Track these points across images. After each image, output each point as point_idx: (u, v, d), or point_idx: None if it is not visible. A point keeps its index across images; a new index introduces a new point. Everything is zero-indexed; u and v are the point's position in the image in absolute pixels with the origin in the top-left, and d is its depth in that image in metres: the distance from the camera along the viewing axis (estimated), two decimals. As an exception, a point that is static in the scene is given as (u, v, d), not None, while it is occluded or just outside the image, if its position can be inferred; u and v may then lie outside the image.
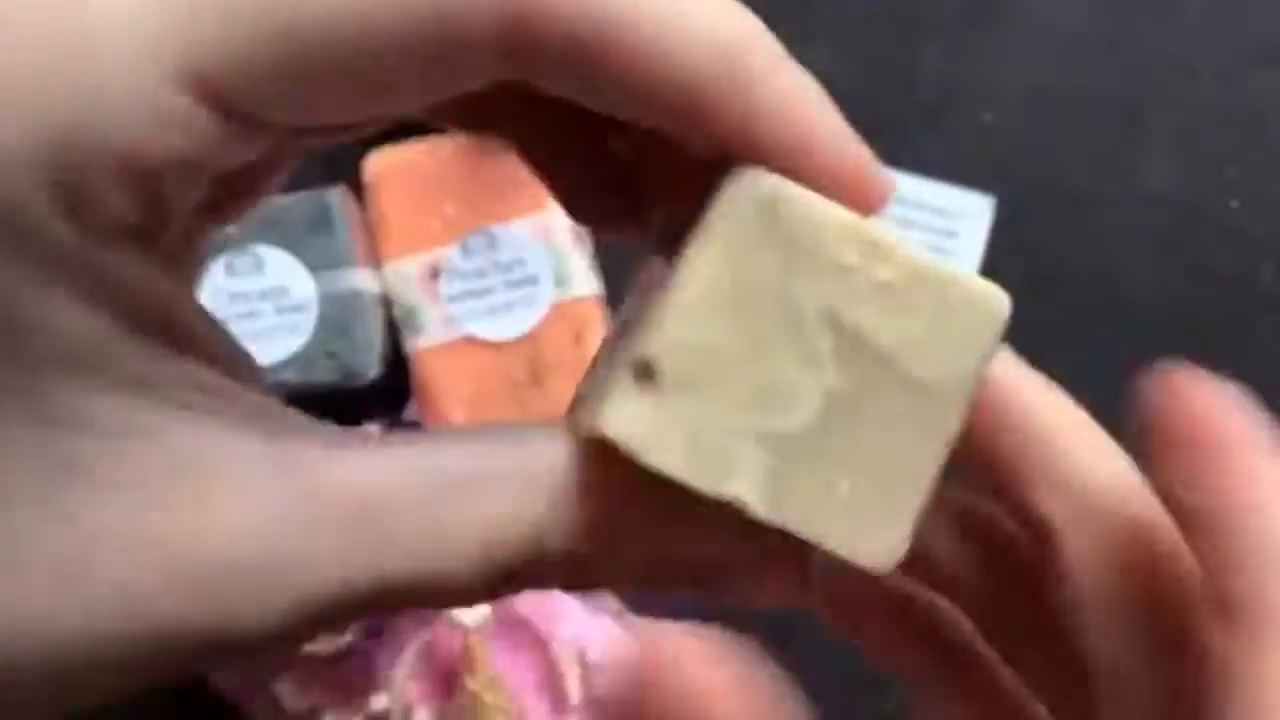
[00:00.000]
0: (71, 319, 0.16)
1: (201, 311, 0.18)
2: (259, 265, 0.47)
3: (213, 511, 0.16)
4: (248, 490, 0.17)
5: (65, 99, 0.15)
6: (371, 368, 0.48)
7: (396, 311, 0.49)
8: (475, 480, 0.18)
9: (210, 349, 0.18)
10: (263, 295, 0.47)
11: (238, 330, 0.48)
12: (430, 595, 0.18)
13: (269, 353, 0.47)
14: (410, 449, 0.18)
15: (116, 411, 0.16)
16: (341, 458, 0.17)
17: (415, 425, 0.50)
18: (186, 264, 0.19)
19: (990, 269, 0.52)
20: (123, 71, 0.15)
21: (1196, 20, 0.54)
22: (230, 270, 0.47)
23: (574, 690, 0.44)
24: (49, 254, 0.15)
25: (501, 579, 0.18)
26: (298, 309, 0.47)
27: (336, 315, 0.48)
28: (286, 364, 0.47)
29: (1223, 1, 0.54)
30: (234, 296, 0.47)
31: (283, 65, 0.16)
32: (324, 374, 0.47)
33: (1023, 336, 0.58)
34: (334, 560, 0.17)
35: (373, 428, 0.48)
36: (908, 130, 0.54)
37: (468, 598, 0.18)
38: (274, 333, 0.47)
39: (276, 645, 0.17)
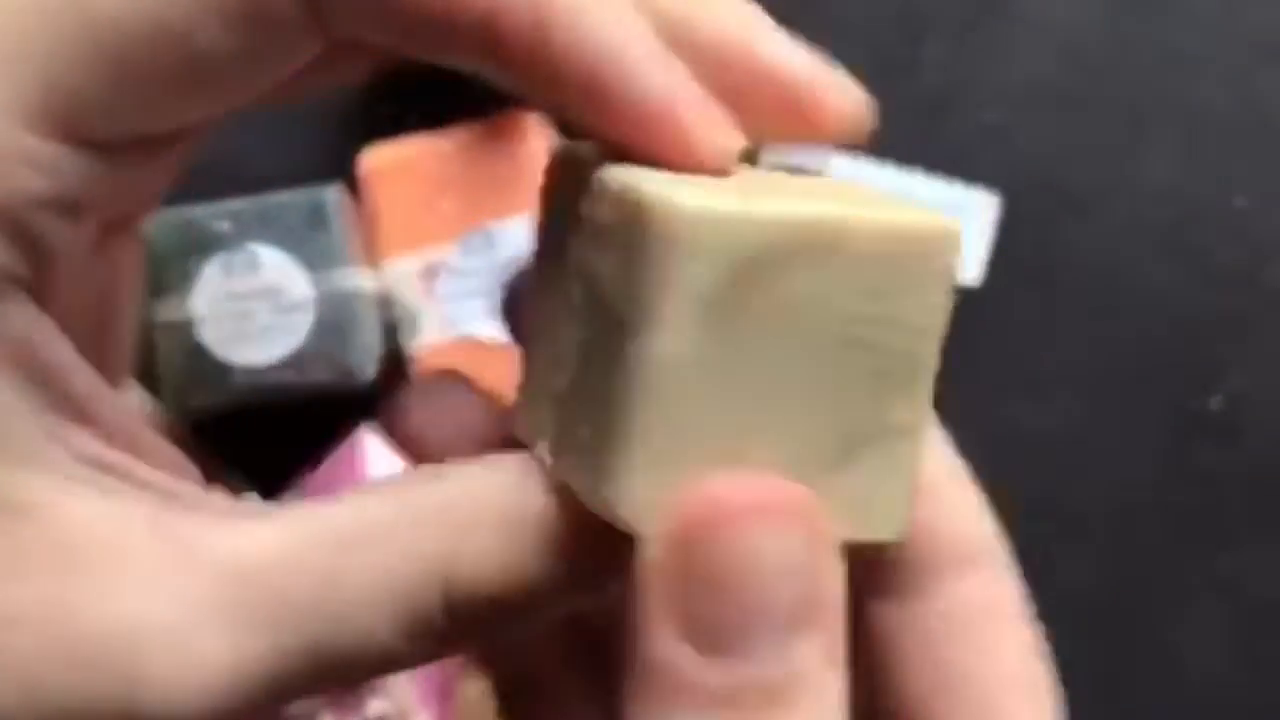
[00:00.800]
0: None
1: (93, 378, 0.18)
2: (255, 264, 0.47)
3: (105, 592, 0.16)
4: (136, 570, 0.16)
5: None
6: (369, 367, 0.48)
7: (394, 311, 0.49)
8: (368, 532, 0.17)
9: (97, 415, 0.17)
10: (259, 294, 0.47)
11: (233, 331, 0.48)
12: (356, 664, 0.17)
13: (266, 352, 0.47)
14: (299, 512, 0.17)
15: (13, 483, 0.16)
16: (225, 528, 0.17)
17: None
18: (78, 325, 0.18)
19: (994, 267, 0.52)
20: None
21: (1200, 17, 0.54)
22: (227, 269, 0.47)
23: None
24: None
25: (432, 635, 0.17)
26: (295, 308, 0.47)
27: (334, 315, 0.47)
28: (284, 364, 0.47)
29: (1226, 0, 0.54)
30: (230, 296, 0.47)
31: (111, 79, 0.16)
32: (321, 374, 0.47)
33: (1024, 335, 0.58)
34: (229, 636, 0.16)
35: (251, 497, 0.48)
36: (910, 128, 0.53)
37: (401, 662, 0.17)
38: (271, 332, 0.47)
39: None
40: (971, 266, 0.52)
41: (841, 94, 0.18)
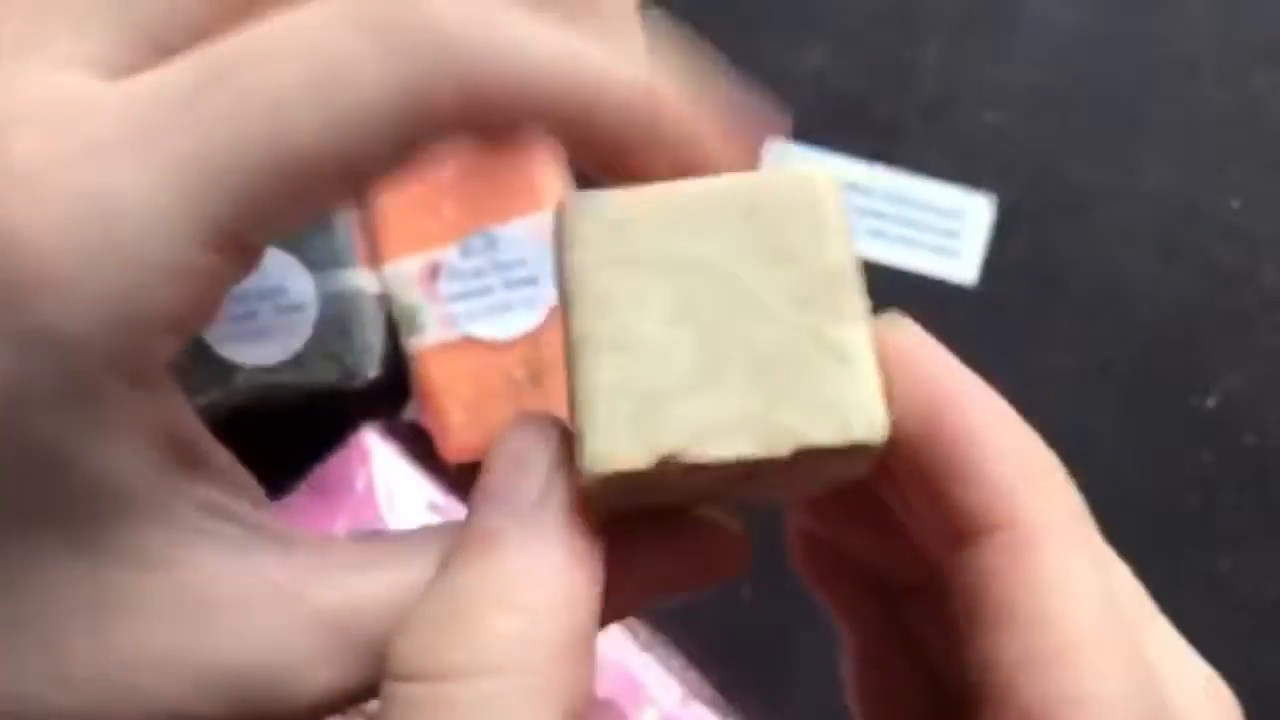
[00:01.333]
0: (121, 466, 0.19)
1: (204, 432, 0.21)
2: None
3: (232, 635, 0.19)
4: (257, 615, 0.20)
5: (113, 282, 0.17)
6: (370, 368, 0.48)
7: (396, 311, 0.49)
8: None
9: (213, 467, 0.20)
10: (261, 295, 0.47)
11: (236, 330, 0.48)
12: None
13: (268, 353, 0.47)
14: (383, 567, 0.20)
15: (151, 543, 0.19)
16: (331, 581, 0.20)
17: (414, 425, 0.50)
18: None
19: (992, 268, 0.52)
20: (157, 248, 0.17)
21: (1197, 19, 0.54)
22: (229, 270, 0.47)
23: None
24: (107, 415, 0.18)
25: None
26: (296, 308, 0.47)
27: (335, 315, 0.47)
28: (285, 364, 0.47)
29: (1224, 0, 0.54)
30: (233, 296, 0.47)
31: (277, 205, 0.18)
32: (323, 374, 0.47)
33: (1023, 336, 0.58)
34: (333, 670, 0.20)
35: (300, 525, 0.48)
36: (908, 130, 0.53)
37: None
38: (273, 332, 0.47)
39: None
40: (969, 267, 0.52)
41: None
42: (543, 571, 0.19)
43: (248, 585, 0.20)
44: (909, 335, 0.20)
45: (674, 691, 0.44)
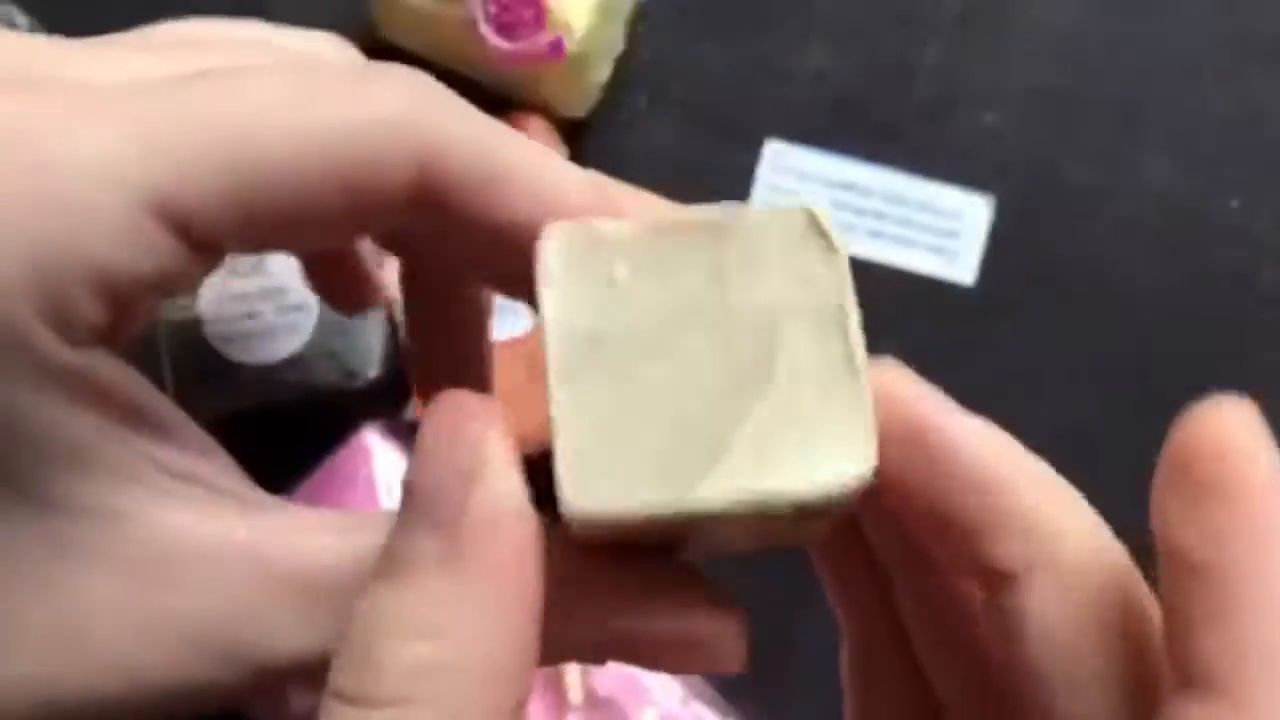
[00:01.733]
0: (62, 419, 0.18)
1: (166, 401, 0.21)
2: (259, 265, 0.47)
3: (188, 592, 0.19)
4: (216, 573, 0.19)
5: (44, 228, 0.17)
6: (371, 368, 0.48)
7: (396, 311, 0.49)
8: None
9: (176, 434, 0.20)
10: (263, 295, 0.47)
11: (238, 331, 0.48)
12: None
13: (269, 353, 0.47)
14: (346, 532, 0.20)
15: (104, 497, 0.19)
16: (292, 539, 0.20)
17: (415, 425, 0.50)
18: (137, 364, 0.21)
19: (990, 269, 0.52)
20: (95, 201, 0.18)
21: (1196, 19, 0.54)
22: (231, 270, 0.47)
23: (574, 690, 0.44)
24: (39, 364, 0.18)
25: None
26: (298, 309, 0.47)
27: (336, 315, 0.47)
28: (286, 364, 0.47)
29: (1222, 0, 0.54)
30: (234, 297, 0.47)
31: (230, 197, 0.18)
32: (324, 374, 0.47)
33: (1021, 336, 0.58)
34: (291, 633, 0.19)
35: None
36: (908, 130, 0.54)
37: None
38: (274, 333, 0.47)
39: (252, 696, 0.20)
40: (968, 267, 0.52)
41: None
42: (462, 595, 0.17)
43: (207, 542, 0.19)
44: (903, 383, 0.20)
45: (674, 691, 0.44)
